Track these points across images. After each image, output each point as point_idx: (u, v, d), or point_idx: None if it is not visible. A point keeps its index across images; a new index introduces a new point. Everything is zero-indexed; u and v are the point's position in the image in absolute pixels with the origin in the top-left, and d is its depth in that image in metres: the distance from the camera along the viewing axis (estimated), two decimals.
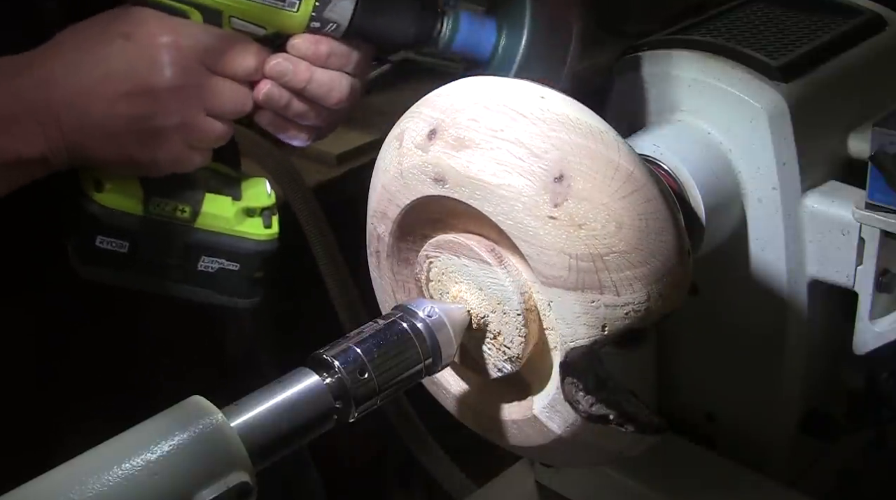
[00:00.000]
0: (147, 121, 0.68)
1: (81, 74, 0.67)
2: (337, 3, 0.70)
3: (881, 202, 0.71)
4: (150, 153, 0.69)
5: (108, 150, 0.69)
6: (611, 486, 0.87)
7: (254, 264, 0.77)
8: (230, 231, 0.76)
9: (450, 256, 0.61)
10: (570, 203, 0.55)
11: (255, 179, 0.78)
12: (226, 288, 0.77)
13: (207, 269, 0.76)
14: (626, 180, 0.55)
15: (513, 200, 0.56)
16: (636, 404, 0.57)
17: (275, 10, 0.70)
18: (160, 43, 0.67)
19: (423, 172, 0.60)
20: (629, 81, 0.84)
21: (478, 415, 0.65)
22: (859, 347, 0.77)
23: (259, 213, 0.77)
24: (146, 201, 0.73)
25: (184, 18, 0.69)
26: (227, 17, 0.70)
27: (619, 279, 0.55)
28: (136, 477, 0.45)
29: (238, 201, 0.76)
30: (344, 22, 0.72)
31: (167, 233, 0.74)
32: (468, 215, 0.60)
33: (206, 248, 0.75)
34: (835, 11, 0.87)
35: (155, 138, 0.69)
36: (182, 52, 0.68)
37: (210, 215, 0.75)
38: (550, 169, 0.55)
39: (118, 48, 0.68)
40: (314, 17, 0.71)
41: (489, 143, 0.57)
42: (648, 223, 0.56)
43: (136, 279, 0.75)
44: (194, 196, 0.74)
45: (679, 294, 0.57)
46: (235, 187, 0.77)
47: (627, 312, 0.55)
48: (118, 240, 0.73)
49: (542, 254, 0.56)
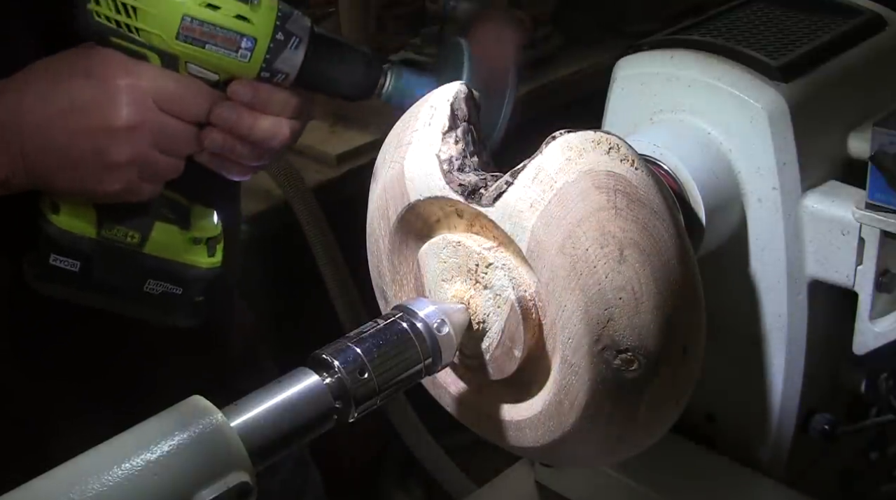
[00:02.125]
0: (103, 154, 0.72)
1: (48, 105, 0.71)
2: (287, 55, 0.75)
3: (881, 202, 0.71)
4: (104, 183, 0.73)
5: (65, 177, 0.73)
6: (611, 486, 0.87)
7: (196, 290, 0.82)
8: (176, 258, 0.80)
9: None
10: None
11: (203, 209, 0.82)
12: (169, 310, 0.82)
13: (153, 291, 0.80)
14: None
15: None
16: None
17: (228, 59, 0.74)
18: (119, 84, 0.72)
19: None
20: (629, 81, 0.84)
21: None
22: (859, 347, 0.77)
23: (205, 242, 0.81)
24: (99, 225, 0.77)
25: (143, 61, 0.73)
26: (184, 62, 0.74)
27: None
28: (136, 477, 0.45)
29: (186, 231, 0.80)
30: (293, 73, 0.76)
31: (117, 256, 0.78)
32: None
33: (153, 272, 0.79)
34: (835, 11, 0.87)
35: (109, 170, 0.73)
36: (138, 94, 0.72)
37: (158, 242, 0.79)
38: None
39: (81, 85, 0.72)
40: (264, 68, 0.75)
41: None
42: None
43: (85, 297, 0.79)
44: (145, 223, 0.78)
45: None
46: (185, 217, 0.81)
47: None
48: (71, 259, 0.77)
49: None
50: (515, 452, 0.66)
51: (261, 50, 0.74)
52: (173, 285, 0.80)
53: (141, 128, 0.72)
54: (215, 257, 0.81)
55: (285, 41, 0.74)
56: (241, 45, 0.74)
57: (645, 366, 0.56)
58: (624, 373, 0.56)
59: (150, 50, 0.73)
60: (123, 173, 0.73)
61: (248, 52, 0.74)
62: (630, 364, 0.56)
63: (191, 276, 0.80)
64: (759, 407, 0.86)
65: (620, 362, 0.56)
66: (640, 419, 0.59)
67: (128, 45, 0.73)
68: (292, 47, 0.75)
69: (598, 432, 0.59)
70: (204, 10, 0.72)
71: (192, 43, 0.73)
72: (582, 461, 0.78)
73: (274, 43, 0.74)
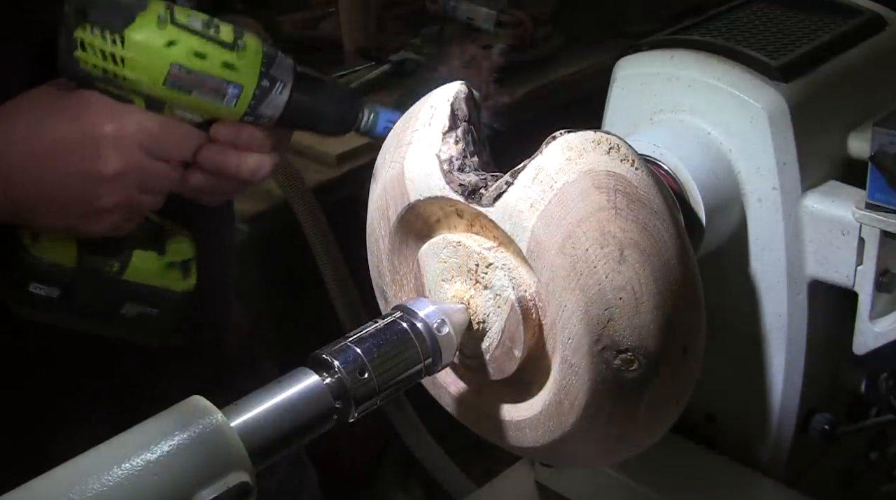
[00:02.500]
0: (90, 200, 0.73)
1: (35, 145, 0.72)
2: (272, 100, 0.77)
3: (881, 202, 0.71)
4: (89, 225, 0.75)
5: (49, 216, 0.74)
6: (611, 486, 0.87)
7: (172, 311, 0.83)
8: (153, 283, 0.81)
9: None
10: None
11: (178, 233, 0.83)
12: (146, 330, 0.83)
13: (129, 313, 0.81)
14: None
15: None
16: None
17: (214, 105, 0.75)
18: (105, 131, 0.72)
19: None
20: (629, 81, 0.84)
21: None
22: (859, 347, 0.77)
23: (179, 265, 0.82)
24: (79, 256, 0.78)
25: (128, 103, 0.73)
26: (169, 106, 0.75)
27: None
28: (136, 477, 0.45)
29: (163, 256, 0.81)
30: (276, 115, 0.78)
31: (96, 284, 0.79)
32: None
33: (131, 295, 0.81)
34: (835, 11, 0.87)
35: (96, 214, 0.74)
36: (124, 140, 0.73)
37: (137, 269, 0.80)
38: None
39: (67, 128, 0.72)
40: (249, 113, 0.76)
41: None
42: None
43: (64, 320, 0.80)
44: (124, 253, 0.79)
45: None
46: (161, 242, 0.82)
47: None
48: (50, 287, 0.78)
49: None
50: (515, 452, 0.66)
51: (246, 96, 0.75)
52: (150, 307, 0.81)
53: (127, 174, 0.73)
54: (190, 280, 0.83)
55: (270, 87, 0.76)
56: (228, 92, 0.75)
57: (645, 366, 0.56)
58: (624, 373, 0.56)
59: (136, 94, 0.73)
60: (109, 217, 0.74)
61: (235, 99, 0.75)
62: (630, 364, 0.56)
63: (167, 298, 0.82)
64: (759, 407, 0.85)
65: (620, 362, 0.56)
66: (640, 418, 0.59)
67: (113, 90, 0.73)
68: (277, 92, 0.76)
69: (598, 432, 0.59)
70: (192, 58, 0.73)
71: (178, 89, 0.73)
72: (582, 461, 0.78)
73: (259, 89, 0.76)
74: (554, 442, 0.60)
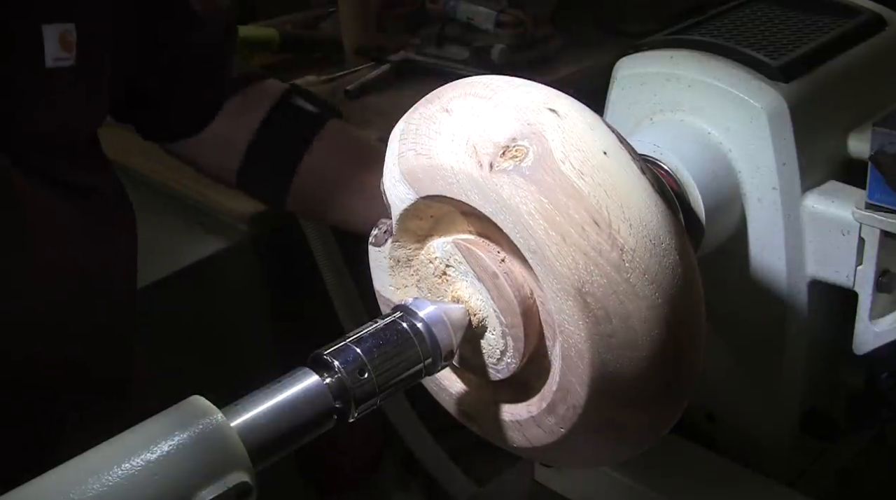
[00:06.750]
0: None
1: None
2: None
3: (881, 202, 0.71)
4: None
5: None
6: (611, 486, 0.87)
7: None
8: None
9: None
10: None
11: None
12: None
13: None
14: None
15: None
16: None
17: None
18: None
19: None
20: (629, 81, 0.84)
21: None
22: (859, 347, 0.77)
23: None
24: None
25: None
26: None
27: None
28: (136, 477, 0.45)
29: None
30: None
31: None
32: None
33: None
34: (835, 11, 0.87)
35: None
36: None
37: None
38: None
39: None
40: None
41: None
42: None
43: None
44: None
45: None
46: None
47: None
48: None
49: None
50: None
51: None
52: None
53: None
54: None
55: None
56: None
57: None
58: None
59: None
60: None
61: None
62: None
63: None
64: (759, 407, 0.86)
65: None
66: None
67: None
68: None
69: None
70: None
71: None
72: (582, 461, 0.78)
73: None
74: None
